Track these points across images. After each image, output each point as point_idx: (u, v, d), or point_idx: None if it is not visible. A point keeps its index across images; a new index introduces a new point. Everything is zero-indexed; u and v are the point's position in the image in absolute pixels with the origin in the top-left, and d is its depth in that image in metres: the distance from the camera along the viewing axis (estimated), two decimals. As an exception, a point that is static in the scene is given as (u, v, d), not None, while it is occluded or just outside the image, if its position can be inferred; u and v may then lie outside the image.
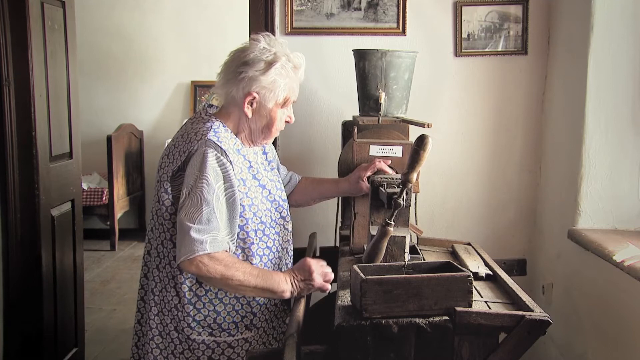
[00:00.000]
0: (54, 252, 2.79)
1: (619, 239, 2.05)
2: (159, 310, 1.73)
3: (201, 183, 1.60)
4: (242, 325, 1.74)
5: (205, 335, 1.71)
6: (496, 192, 2.70)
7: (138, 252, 5.47)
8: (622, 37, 2.13)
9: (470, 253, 1.96)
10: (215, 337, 1.71)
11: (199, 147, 1.63)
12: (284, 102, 1.75)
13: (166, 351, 1.73)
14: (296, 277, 1.69)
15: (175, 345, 1.72)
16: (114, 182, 5.36)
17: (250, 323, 1.76)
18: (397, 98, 2.16)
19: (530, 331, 1.38)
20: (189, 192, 1.61)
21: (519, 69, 2.62)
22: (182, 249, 1.59)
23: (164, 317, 1.73)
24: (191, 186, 1.61)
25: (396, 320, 1.38)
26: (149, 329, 1.75)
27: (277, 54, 1.71)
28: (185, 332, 1.70)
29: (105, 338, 3.61)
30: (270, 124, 1.76)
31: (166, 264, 1.72)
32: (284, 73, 1.71)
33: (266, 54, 1.70)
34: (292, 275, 1.69)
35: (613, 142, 2.17)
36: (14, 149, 2.57)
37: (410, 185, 1.55)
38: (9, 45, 2.51)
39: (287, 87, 1.73)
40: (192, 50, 5.89)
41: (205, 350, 1.71)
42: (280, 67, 1.70)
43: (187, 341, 1.71)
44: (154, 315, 1.74)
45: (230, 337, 1.73)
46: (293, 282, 1.68)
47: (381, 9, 2.60)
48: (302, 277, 1.69)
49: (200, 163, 1.61)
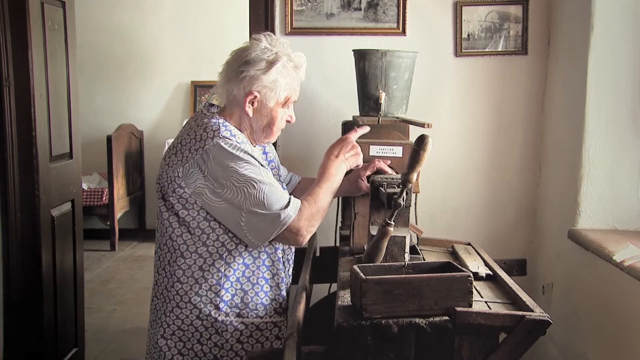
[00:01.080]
0: (54, 252, 2.79)
1: (619, 239, 2.05)
2: (175, 305, 1.72)
3: (244, 169, 1.62)
4: (271, 308, 1.76)
5: (233, 317, 1.71)
6: (496, 192, 2.70)
7: (138, 252, 5.47)
8: (622, 37, 2.13)
9: (470, 253, 1.96)
10: (243, 318, 1.72)
11: (215, 143, 1.63)
12: (285, 101, 1.76)
13: (190, 342, 1.72)
14: (344, 155, 1.82)
15: (201, 333, 1.71)
16: (114, 182, 5.37)
17: (279, 307, 1.77)
18: (397, 98, 2.16)
19: (530, 331, 1.38)
20: (239, 183, 1.62)
21: (519, 69, 2.62)
22: (269, 227, 1.63)
23: (181, 311, 1.71)
24: (237, 178, 1.62)
25: (396, 320, 1.38)
26: (166, 326, 1.73)
27: (279, 54, 1.72)
28: (213, 316, 1.70)
29: (105, 338, 3.61)
30: (271, 123, 1.77)
31: (178, 256, 1.71)
32: (285, 72, 1.72)
33: (267, 54, 1.71)
34: (342, 157, 1.82)
35: (613, 142, 2.17)
36: (14, 149, 2.57)
37: (410, 185, 1.55)
38: (9, 45, 2.51)
39: (288, 86, 1.74)
40: (192, 50, 5.89)
41: (234, 332, 1.70)
42: (281, 66, 1.71)
43: (215, 325, 1.70)
44: (169, 311, 1.73)
45: (259, 319, 1.73)
46: (345, 161, 1.82)
47: (381, 9, 2.60)
48: (345, 151, 1.82)
49: (229, 154, 1.62)
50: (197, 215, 1.68)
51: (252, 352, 1.57)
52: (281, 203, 1.64)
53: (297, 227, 1.65)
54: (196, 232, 1.69)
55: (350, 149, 1.84)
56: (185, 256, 1.70)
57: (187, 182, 1.65)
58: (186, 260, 1.70)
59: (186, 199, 1.67)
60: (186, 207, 1.68)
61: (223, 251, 1.69)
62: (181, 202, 1.68)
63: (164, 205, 1.71)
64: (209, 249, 1.70)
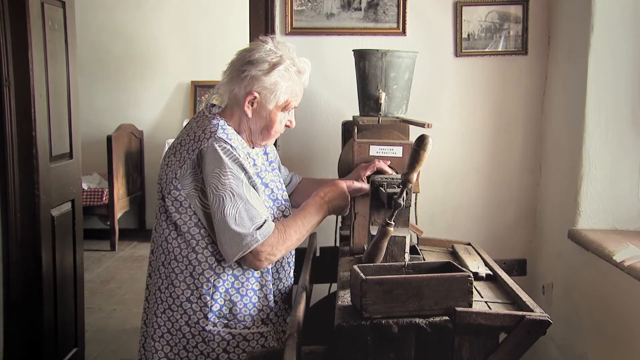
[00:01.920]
0: (54, 252, 2.79)
1: (619, 239, 2.05)
2: (167, 307, 1.73)
3: (228, 180, 1.61)
4: (258, 318, 1.75)
5: (221, 327, 1.71)
6: (496, 192, 2.70)
7: (138, 252, 5.47)
8: (622, 37, 2.13)
9: (470, 253, 1.96)
10: (230, 329, 1.72)
11: (210, 144, 1.63)
12: (285, 105, 1.75)
13: (177, 347, 1.72)
14: (331, 202, 1.82)
15: (188, 340, 1.71)
16: (114, 182, 5.37)
17: (267, 317, 1.77)
18: (397, 98, 2.16)
19: (530, 331, 1.37)
20: (219, 191, 1.61)
21: (519, 69, 2.62)
22: (235, 246, 1.61)
23: (172, 314, 1.72)
24: (219, 185, 1.61)
25: (396, 320, 1.38)
26: (157, 327, 1.74)
27: (283, 57, 1.72)
28: (200, 324, 1.70)
29: (105, 338, 3.61)
30: (269, 126, 1.76)
31: (172, 259, 1.71)
32: (286, 76, 1.72)
33: (271, 56, 1.71)
34: (328, 201, 1.82)
35: (613, 142, 2.17)
36: (14, 149, 2.57)
37: (411, 185, 1.55)
38: (9, 45, 2.51)
39: (289, 90, 1.73)
40: (193, 51, 5.89)
41: (221, 342, 1.71)
42: (283, 69, 1.71)
43: (202, 333, 1.70)
44: (160, 312, 1.74)
45: (246, 330, 1.73)
46: (329, 206, 1.82)
47: (381, 9, 2.60)
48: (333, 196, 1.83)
49: (219, 160, 1.62)
50: (189, 221, 1.68)
51: (252, 352, 1.57)
52: (253, 223, 1.62)
53: (259, 251, 1.63)
54: (186, 237, 1.69)
55: (339, 195, 1.83)
56: (179, 260, 1.71)
57: (183, 183, 1.66)
58: (179, 265, 1.71)
59: (180, 202, 1.67)
60: (179, 210, 1.68)
61: (212, 261, 1.69)
62: (175, 205, 1.68)
63: (163, 206, 1.71)
64: (198, 257, 1.69)
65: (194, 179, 1.65)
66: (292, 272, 1.92)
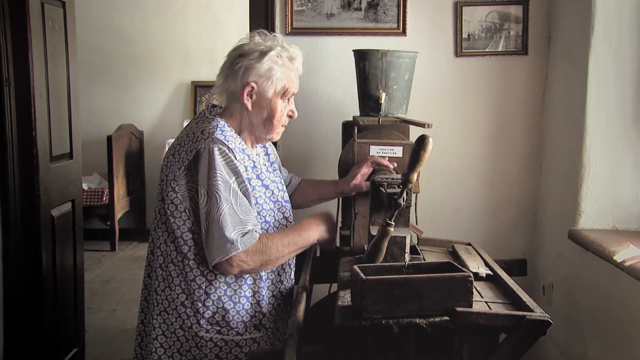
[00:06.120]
0: (54, 252, 2.79)
1: (619, 239, 2.05)
2: (163, 309, 1.73)
3: (217, 182, 1.61)
4: (251, 324, 1.75)
5: (214, 333, 1.71)
6: (496, 192, 2.69)
7: (138, 253, 5.47)
8: (622, 37, 2.13)
9: (470, 253, 1.96)
10: (223, 335, 1.72)
11: (207, 146, 1.64)
12: (284, 92, 1.75)
13: (171, 350, 1.73)
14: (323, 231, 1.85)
15: (182, 343, 1.72)
16: (114, 183, 5.36)
17: (259, 323, 1.77)
18: (397, 98, 2.16)
19: (530, 331, 1.37)
20: (207, 192, 1.61)
21: (519, 69, 2.62)
22: (215, 251, 1.61)
23: (168, 316, 1.73)
24: (208, 186, 1.61)
25: (396, 320, 1.38)
26: (152, 329, 1.75)
27: (272, 45, 1.73)
28: (194, 329, 1.70)
29: (106, 338, 3.61)
30: (271, 116, 1.75)
31: (169, 262, 1.72)
32: (279, 62, 1.73)
33: (261, 46, 1.73)
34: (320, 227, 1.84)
35: (613, 142, 2.17)
36: (14, 149, 2.57)
37: (411, 185, 1.55)
38: (9, 45, 2.51)
39: (284, 76, 1.74)
40: (192, 51, 5.89)
41: (213, 347, 1.71)
42: (275, 55, 1.72)
43: (195, 338, 1.70)
44: (157, 314, 1.74)
45: (239, 337, 1.73)
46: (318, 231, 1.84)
47: (381, 9, 2.60)
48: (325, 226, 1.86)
49: (212, 161, 1.62)
50: (183, 225, 1.68)
51: (253, 352, 1.57)
52: (237, 230, 1.62)
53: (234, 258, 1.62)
54: (179, 243, 1.69)
55: (331, 227, 1.89)
56: (175, 263, 1.71)
57: (179, 184, 1.66)
58: (175, 268, 1.71)
59: (176, 205, 1.67)
60: (174, 214, 1.68)
61: (204, 267, 1.69)
62: (171, 209, 1.68)
63: (163, 208, 1.72)
64: (190, 263, 1.69)
65: (189, 180, 1.65)
66: (293, 274, 1.92)
